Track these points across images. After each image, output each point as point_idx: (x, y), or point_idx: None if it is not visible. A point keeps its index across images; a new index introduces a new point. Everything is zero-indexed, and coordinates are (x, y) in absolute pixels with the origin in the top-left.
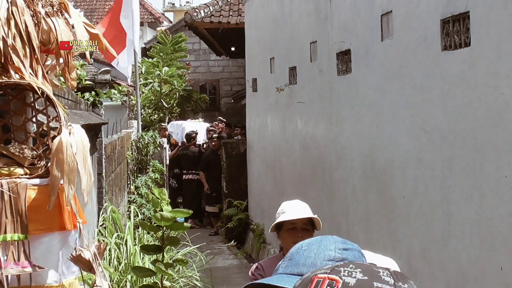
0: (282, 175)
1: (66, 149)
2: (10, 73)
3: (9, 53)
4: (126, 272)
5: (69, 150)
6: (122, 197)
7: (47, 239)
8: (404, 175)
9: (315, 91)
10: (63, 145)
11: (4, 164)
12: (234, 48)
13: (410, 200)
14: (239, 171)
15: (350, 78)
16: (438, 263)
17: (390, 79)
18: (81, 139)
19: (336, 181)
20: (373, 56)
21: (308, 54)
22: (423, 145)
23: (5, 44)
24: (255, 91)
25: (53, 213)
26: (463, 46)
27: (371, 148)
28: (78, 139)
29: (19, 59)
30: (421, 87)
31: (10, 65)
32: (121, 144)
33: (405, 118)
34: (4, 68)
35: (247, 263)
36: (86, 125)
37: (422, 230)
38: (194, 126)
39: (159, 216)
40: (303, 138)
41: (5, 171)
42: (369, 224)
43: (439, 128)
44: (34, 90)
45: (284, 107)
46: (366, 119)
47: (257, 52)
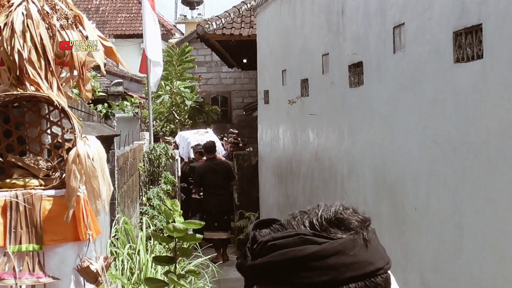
0: (293, 187)
1: (84, 160)
2: (25, 85)
3: (25, 66)
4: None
5: (88, 161)
6: (134, 209)
7: (62, 250)
8: (416, 187)
9: (327, 103)
10: (80, 156)
11: (19, 176)
12: (246, 60)
13: (422, 212)
14: (250, 183)
15: (362, 90)
16: (450, 275)
17: (402, 91)
18: (97, 150)
19: (348, 193)
20: (385, 68)
21: (320, 66)
22: (435, 158)
23: (20, 56)
24: (266, 103)
25: (68, 224)
26: (476, 58)
27: (383, 160)
28: (94, 150)
29: (35, 71)
30: (433, 99)
31: (26, 78)
32: (133, 156)
33: (417, 130)
34: (19, 81)
35: None
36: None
37: (434, 242)
38: (201, 139)
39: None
40: (314, 150)
41: (21, 182)
42: (381, 236)
43: (451, 140)
44: (49, 102)
45: (296, 119)
46: (378, 131)
47: (269, 64)
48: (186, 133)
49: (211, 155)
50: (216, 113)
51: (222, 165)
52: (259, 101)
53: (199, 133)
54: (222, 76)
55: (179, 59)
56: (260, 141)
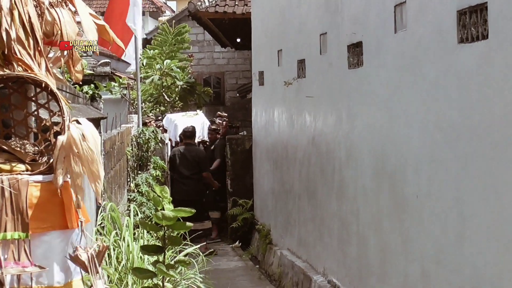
0: (289, 173)
1: (80, 144)
2: (12, 65)
3: (12, 45)
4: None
5: (84, 144)
6: (122, 195)
7: (49, 238)
8: (417, 174)
9: (324, 85)
10: (75, 140)
11: (5, 160)
12: (240, 39)
13: (424, 201)
14: (244, 169)
15: (362, 72)
16: (453, 267)
17: (403, 73)
18: (91, 133)
19: (346, 180)
20: (385, 49)
21: (317, 46)
22: (437, 143)
23: (8, 35)
24: (261, 85)
25: (55, 211)
26: (480, 38)
27: (383, 145)
28: (88, 133)
29: (25, 51)
30: (436, 82)
31: (14, 58)
32: (120, 140)
33: (419, 114)
34: (5, 61)
35: (253, 265)
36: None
37: (436, 232)
38: (189, 121)
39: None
40: (311, 134)
41: (6, 167)
42: (380, 225)
43: (454, 125)
44: (37, 83)
45: (292, 102)
46: (378, 115)
47: (264, 44)
48: (173, 115)
49: (188, 140)
50: (208, 95)
51: (193, 153)
52: (254, 82)
53: (188, 115)
54: (215, 56)
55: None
56: (254, 125)
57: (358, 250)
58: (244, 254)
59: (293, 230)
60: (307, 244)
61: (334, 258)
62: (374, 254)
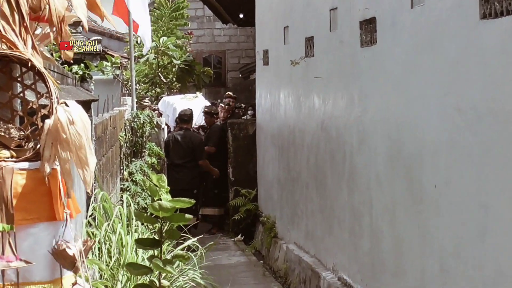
0: (296, 160)
1: (67, 128)
2: None
3: None
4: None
5: (72, 128)
6: (114, 185)
7: (36, 231)
8: (436, 162)
9: (334, 65)
10: (63, 124)
11: None
12: (242, 15)
13: (442, 190)
14: (247, 156)
15: (375, 50)
16: (474, 262)
17: (421, 52)
18: (80, 116)
19: (357, 168)
20: (401, 25)
21: (327, 22)
22: (458, 127)
23: None
24: (266, 65)
25: (42, 201)
26: (505, 14)
27: (398, 130)
28: (76, 117)
29: (10, 27)
30: (456, 61)
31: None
32: (113, 124)
33: (437, 96)
34: None
35: (256, 260)
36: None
37: (455, 224)
38: (188, 105)
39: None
40: (320, 118)
41: None
42: (395, 216)
43: (476, 107)
44: (23, 62)
45: (299, 83)
46: (393, 97)
47: (269, 20)
48: (171, 98)
49: (184, 124)
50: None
51: (188, 139)
52: (258, 62)
53: (187, 97)
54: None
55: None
56: (258, 108)
57: (371, 244)
58: (247, 249)
59: (300, 222)
60: (316, 238)
61: (344, 253)
62: (388, 248)
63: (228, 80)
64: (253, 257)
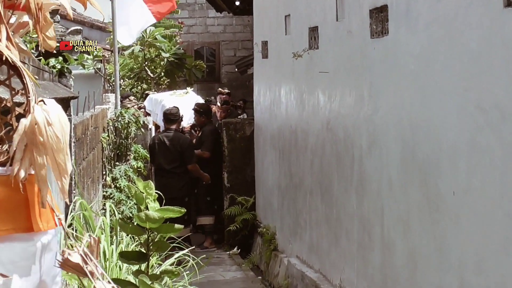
0: (298, 164)
1: (45, 129)
2: None
3: None
4: None
5: (49, 129)
6: (96, 191)
7: (11, 242)
8: (454, 166)
9: (341, 58)
10: (40, 125)
11: None
12: (239, 2)
13: (462, 197)
14: (244, 159)
15: (387, 42)
16: (497, 278)
17: (438, 43)
18: (58, 117)
19: (367, 173)
20: (416, 14)
21: (333, 10)
22: (479, 127)
23: None
24: (265, 58)
25: (18, 210)
26: None
27: (413, 130)
28: (54, 117)
29: None
30: (478, 54)
31: None
32: (94, 124)
33: (456, 92)
34: None
35: (254, 276)
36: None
37: (476, 236)
38: (179, 101)
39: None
40: (326, 117)
41: None
42: (409, 227)
43: (499, 105)
44: None
45: (302, 78)
46: (407, 93)
47: (269, 7)
48: (159, 95)
49: (170, 125)
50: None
51: (176, 141)
52: (256, 54)
53: (177, 94)
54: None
55: None
56: (256, 106)
57: (382, 258)
58: (244, 263)
59: (303, 234)
60: (321, 251)
61: (353, 268)
62: (401, 262)
63: (222, 74)
64: (251, 272)
